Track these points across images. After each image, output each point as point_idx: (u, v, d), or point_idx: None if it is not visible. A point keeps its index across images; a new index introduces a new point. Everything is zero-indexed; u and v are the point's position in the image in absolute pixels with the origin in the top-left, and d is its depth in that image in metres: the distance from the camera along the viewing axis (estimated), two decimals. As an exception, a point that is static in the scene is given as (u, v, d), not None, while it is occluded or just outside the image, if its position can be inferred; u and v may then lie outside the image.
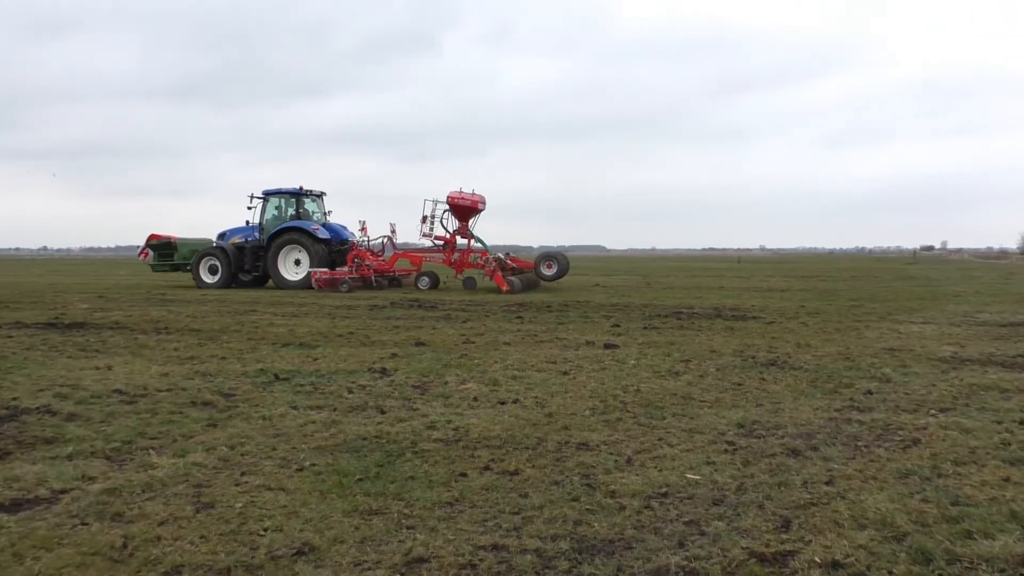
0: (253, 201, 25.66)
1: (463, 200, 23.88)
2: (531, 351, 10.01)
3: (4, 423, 6.03)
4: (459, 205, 24.06)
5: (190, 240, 28.10)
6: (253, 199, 25.62)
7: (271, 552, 3.63)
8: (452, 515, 4.13)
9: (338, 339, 11.26)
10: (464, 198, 23.88)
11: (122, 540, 3.75)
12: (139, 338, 11.37)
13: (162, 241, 27.97)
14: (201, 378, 7.99)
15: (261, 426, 5.99)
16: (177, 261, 27.75)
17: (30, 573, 3.40)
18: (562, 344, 10.72)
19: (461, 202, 23.94)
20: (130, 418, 6.22)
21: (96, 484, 4.58)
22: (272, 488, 4.52)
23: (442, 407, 6.68)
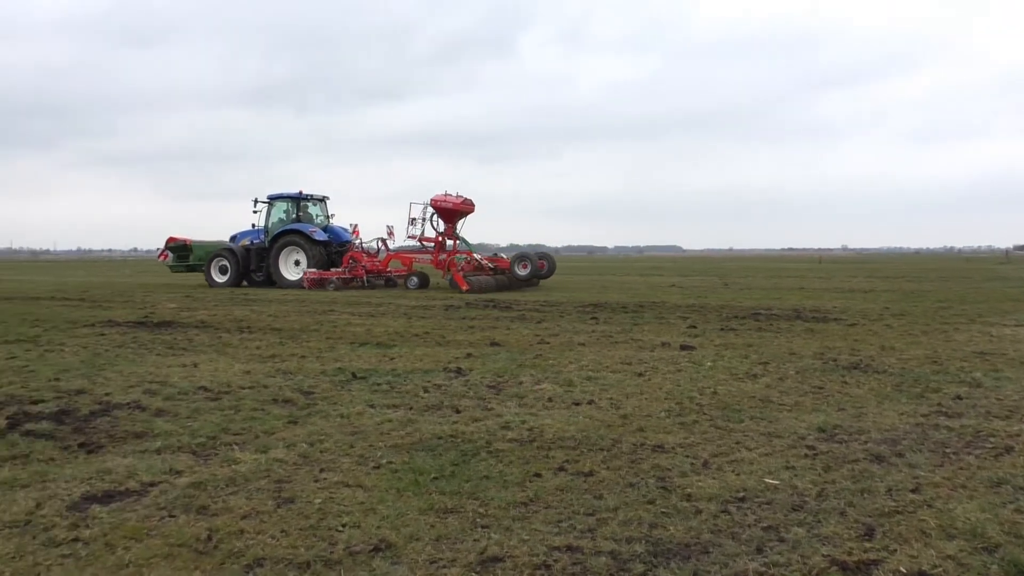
0: (258, 205, 27.23)
1: (446, 203, 24.70)
2: (606, 352, 9.96)
3: (97, 417, 6.28)
4: (442, 208, 24.88)
5: (204, 243, 29.63)
6: (258, 203, 27.17)
7: (349, 548, 3.69)
8: (526, 515, 4.14)
9: (414, 339, 11.40)
10: (447, 201, 24.68)
11: (207, 532, 3.87)
12: (223, 337, 11.71)
13: (179, 244, 29.64)
14: (282, 376, 8.19)
15: (339, 424, 6.10)
16: (192, 262, 29.36)
17: (121, 563, 3.53)
18: (637, 345, 10.64)
19: (444, 205, 24.77)
20: (215, 414, 6.41)
21: (183, 478, 4.73)
22: (350, 485, 4.60)
23: (517, 407, 6.70)
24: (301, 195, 27.51)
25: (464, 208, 25.11)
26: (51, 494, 4.41)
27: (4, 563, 3.50)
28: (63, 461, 5.10)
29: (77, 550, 3.66)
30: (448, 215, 25.11)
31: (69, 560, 3.55)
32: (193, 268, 29.41)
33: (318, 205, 28.37)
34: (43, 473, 4.80)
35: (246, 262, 27.21)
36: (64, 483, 4.61)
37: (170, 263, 30.53)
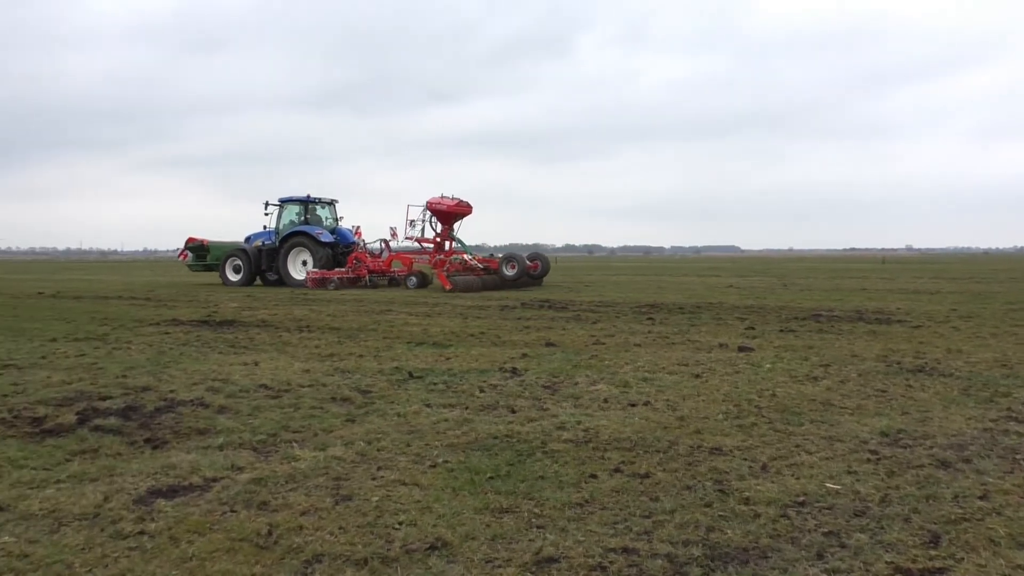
0: (269, 208, 28.47)
1: (440, 205, 25.77)
2: (662, 353, 9.88)
3: (162, 414, 6.44)
4: (438, 210, 25.93)
5: (220, 243, 30.90)
6: (269, 206, 28.42)
7: (406, 545, 3.72)
8: (582, 516, 4.13)
9: (470, 339, 11.45)
10: (442, 203, 25.77)
11: (267, 528, 3.94)
12: (283, 336, 11.92)
13: (197, 244, 30.96)
14: (340, 375, 8.29)
15: (396, 423, 6.16)
16: (209, 262, 30.52)
17: (185, 556, 3.61)
18: (694, 346, 10.53)
19: (439, 207, 25.83)
20: (275, 412, 6.53)
21: (244, 474, 4.82)
22: (407, 483, 4.64)
23: (572, 408, 6.69)
24: (309, 198, 28.57)
25: (459, 210, 26.05)
26: (118, 488, 4.54)
27: (74, 554, 3.61)
28: (130, 456, 5.25)
29: (143, 543, 3.76)
30: (444, 217, 26.10)
31: (135, 553, 3.65)
32: (210, 267, 30.47)
33: (327, 208, 29.49)
34: (111, 467, 4.94)
35: (258, 262, 28.23)
36: (131, 477, 4.74)
37: (189, 262, 31.78)
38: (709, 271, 45.76)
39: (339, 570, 3.47)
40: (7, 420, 6.16)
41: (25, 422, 6.11)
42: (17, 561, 3.53)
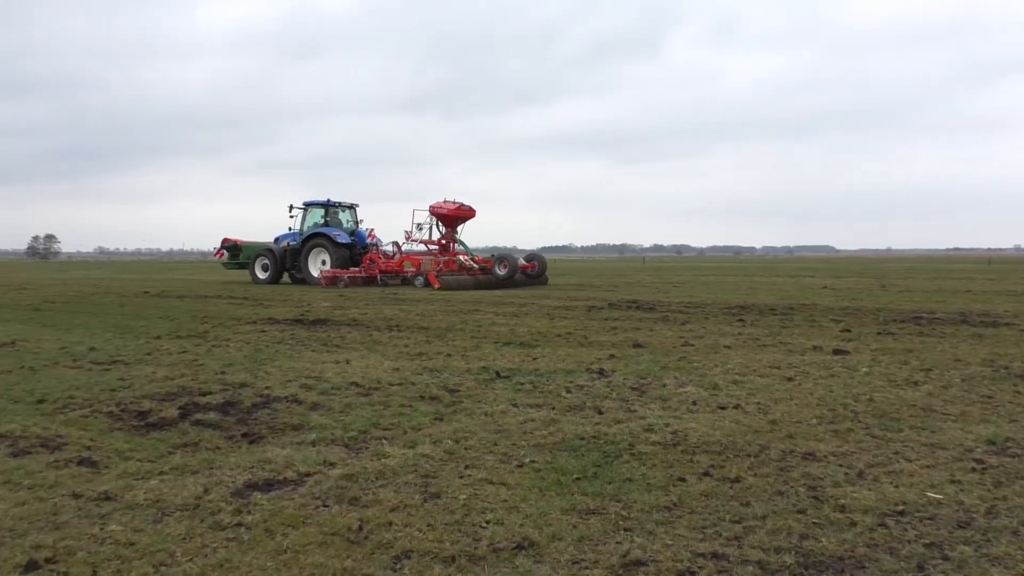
0: (293, 211, 30.39)
1: (442, 209, 27.33)
2: (753, 355, 9.67)
3: (259, 410, 6.64)
4: (439, 213, 27.49)
5: (252, 243, 33.17)
6: (293, 209, 30.36)
7: (493, 544, 3.74)
8: (670, 519, 4.07)
9: (557, 339, 11.44)
10: (443, 207, 27.32)
11: (358, 523, 4.01)
12: (374, 335, 12.14)
13: (232, 244, 33.40)
14: (429, 374, 8.40)
15: (483, 422, 6.20)
16: (242, 260, 32.71)
17: (280, 548, 3.72)
18: (787, 349, 10.27)
19: (440, 211, 27.39)
20: (365, 409, 6.65)
21: (336, 469, 4.93)
22: (494, 482, 4.67)
23: (660, 410, 6.61)
24: (329, 202, 30.49)
25: (459, 214, 27.50)
26: (217, 480, 4.70)
27: (175, 543, 3.76)
28: (228, 450, 5.43)
29: (240, 534, 3.88)
30: (446, 220, 27.66)
31: (233, 544, 3.77)
32: (243, 265, 32.47)
33: (347, 211, 31.33)
34: (210, 461, 5.12)
35: (283, 261, 30.04)
36: (229, 471, 4.90)
37: (224, 260, 34.04)
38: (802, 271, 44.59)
39: (427, 567, 3.52)
40: (115, 413, 6.46)
41: (131, 415, 6.39)
42: (124, 549, 3.69)
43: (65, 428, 5.97)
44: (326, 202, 30.45)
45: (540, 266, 27.46)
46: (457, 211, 27.35)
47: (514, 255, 27.58)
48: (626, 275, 40.44)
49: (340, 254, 28.63)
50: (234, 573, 3.44)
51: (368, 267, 27.94)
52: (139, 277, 39.75)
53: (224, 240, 33.75)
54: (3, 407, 6.71)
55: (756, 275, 38.72)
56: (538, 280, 27.38)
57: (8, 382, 7.89)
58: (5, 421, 6.15)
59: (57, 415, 6.42)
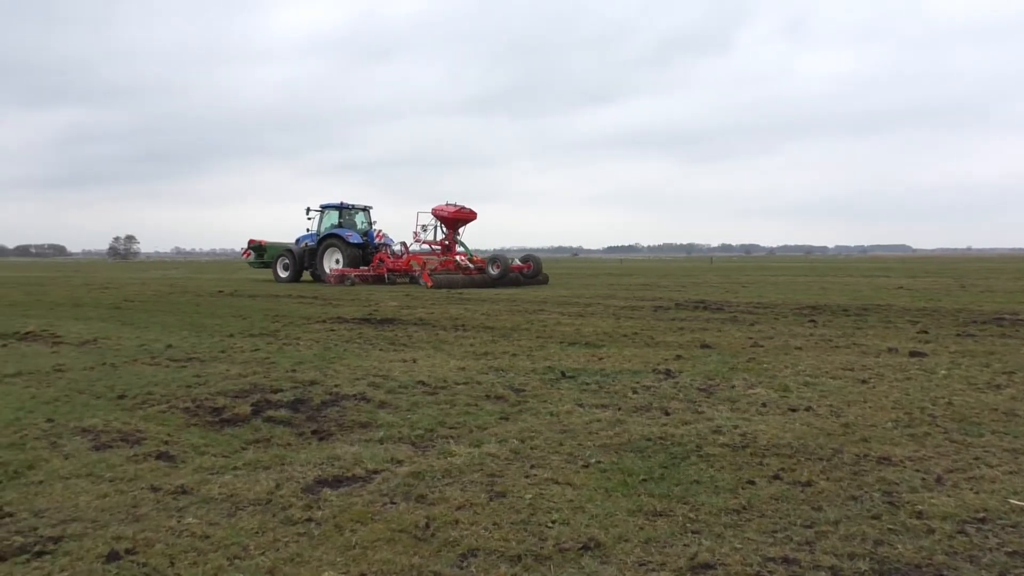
0: (311, 213, 32.34)
1: (443, 212, 29.11)
2: (825, 357, 9.46)
3: (328, 407, 6.76)
4: (441, 216, 29.32)
5: (275, 243, 34.92)
6: (310, 212, 32.33)
7: (559, 544, 3.73)
8: (739, 523, 4.01)
9: (623, 339, 11.37)
10: (444, 210, 29.09)
11: (425, 520, 4.05)
12: (440, 334, 12.24)
13: (257, 244, 35.44)
14: (494, 373, 8.43)
15: (549, 422, 6.19)
16: (266, 259, 34.76)
17: (349, 544, 3.77)
18: (860, 350, 10.02)
19: (441, 213, 29.20)
20: (432, 408, 6.71)
21: (403, 467, 4.98)
22: (559, 482, 4.66)
23: (728, 411, 6.51)
24: (343, 204, 32.44)
25: (460, 216, 29.32)
26: (288, 476, 4.79)
27: (249, 537, 3.85)
28: (298, 446, 5.53)
29: (311, 529, 3.95)
30: (447, 222, 29.48)
31: (304, 538, 3.84)
32: (267, 265, 34.53)
33: (360, 213, 33.20)
34: (282, 456, 5.23)
35: (302, 260, 31.96)
36: (299, 467, 4.99)
37: (251, 260, 36.08)
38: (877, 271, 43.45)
39: (493, 565, 3.53)
40: (191, 409, 6.65)
41: (206, 412, 6.57)
42: (200, 541, 3.80)
43: (144, 423, 6.16)
44: (340, 205, 32.29)
45: (535, 267, 28.79)
46: (457, 213, 29.15)
47: (506, 256, 29.10)
48: (693, 275, 39.99)
49: (352, 253, 30.39)
50: (305, 567, 3.50)
51: (377, 266, 29.47)
52: (214, 277, 40.81)
53: (250, 241, 35.73)
54: (86, 402, 6.96)
55: (828, 275, 37.87)
56: (535, 280, 28.52)
57: (91, 378, 8.19)
58: (88, 416, 6.38)
59: (136, 410, 6.63)
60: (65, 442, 5.59)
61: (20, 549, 3.69)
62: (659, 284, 28.98)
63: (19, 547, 3.71)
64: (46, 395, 7.27)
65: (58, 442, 5.59)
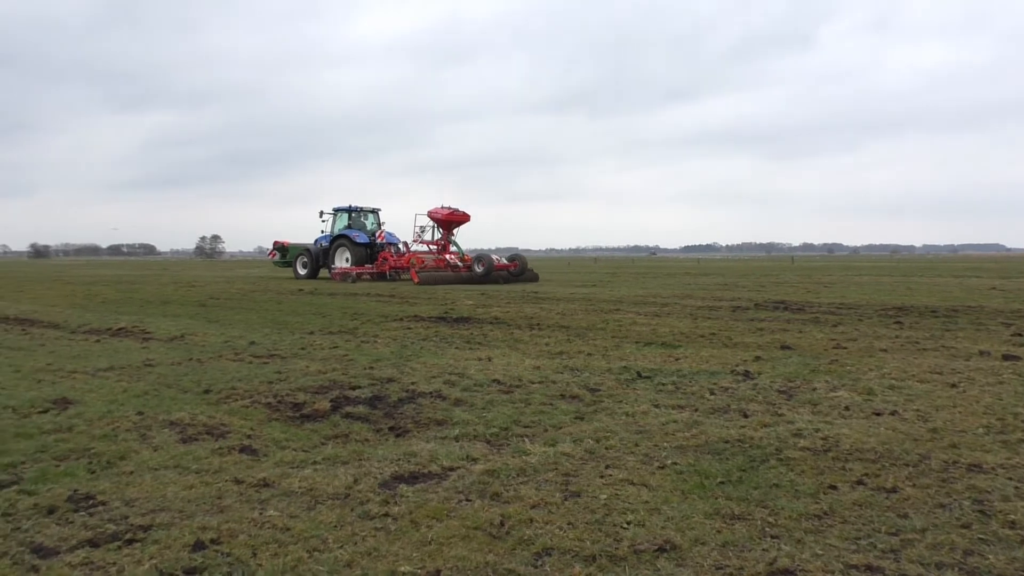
0: (324, 216, 35.53)
1: (436, 214, 31.68)
2: (912, 360, 9.15)
3: (404, 404, 6.85)
4: (435, 218, 31.95)
5: (296, 244, 37.76)
6: (323, 214, 35.54)
7: (634, 545, 3.70)
8: (820, 528, 3.91)
9: (700, 340, 11.22)
10: (437, 213, 31.61)
11: (499, 518, 4.06)
12: (515, 333, 12.27)
13: (280, 245, 38.44)
14: (569, 372, 8.41)
15: (624, 422, 6.15)
16: (288, 259, 37.63)
17: (424, 539, 3.81)
18: (949, 353, 9.66)
19: (435, 216, 31.80)
20: (507, 406, 6.73)
21: (478, 465, 5.01)
22: (635, 483, 4.62)
23: (810, 414, 6.36)
24: (352, 207, 35.43)
25: (453, 218, 31.78)
26: (366, 472, 4.87)
27: (328, 530, 3.92)
28: (376, 442, 5.62)
29: (387, 524, 4.01)
30: (442, 224, 32.11)
31: (381, 533, 3.89)
32: (289, 264, 37.42)
33: (370, 216, 36.05)
34: (359, 452, 5.32)
35: (318, 259, 35.13)
36: (377, 462, 5.07)
37: (276, 260, 39.05)
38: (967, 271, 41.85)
39: (568, 564, 3.52)
40: (272, 404, 6.82)
41: (287, 407, 6.73)
42: (281, 533, 3.89)
43: (228, 417, 6.35)
44: (350, 208, 35.39)
45: (521, 265, 30.97)
46: (450, 216, 31.71)
47: (491, 256, 31.01)
48: (773, 275, 39.18)
49: (359, 252, 33.23)
50: (382, 561, 3.55)
51: (381, 264, 31.99)
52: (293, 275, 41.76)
53: (275, 243, 39.00)
54: (174, 396, 7.21)
55: (915, 275, 36.64)
56: (521, 278, 30.57)
57: (178, 373, 8.48)
58: (175, 409, 6.60)
59: (221, 405, 6.83)
60: (154, 434, 5.80)
61: (112, 536, 3.84)
62: (738, 284, 28.49)
63: (111, 534, 3.87)
64: (136, 389, 7.55)
65: (147, 434, 5.80)
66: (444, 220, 31.94)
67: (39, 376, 8.28)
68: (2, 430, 5.91)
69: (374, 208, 36.24)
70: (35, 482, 4.68)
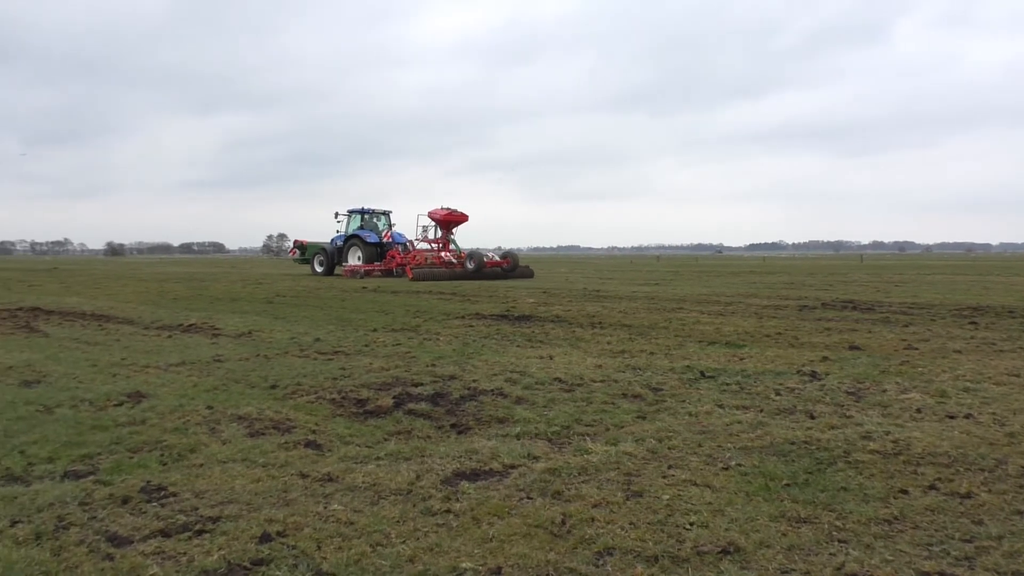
0: (339, 217, 38.36)
1: (435, 215, 34.59)
2: (988, 361, 8.85)
3: (466, 401, 6.88)
4: (434, 218, 34.76)
5: (314, 243, 40.51)
6: (338, 216, 38.37)
7: (697, 547, 3.66)
8: (890, 533, 3.81)
9: (765, 339, 11.03)
10: (436, 213, 34.50)
11: (561, 517, 4.06)
12: (576, 331, 12.24)
13: (300, 244, 41.51)
14: (631, 371, 8.35)
15: (687, 422, 6.08)
16: (307, 256, 40.30)
17: (486, 537, 3.83)
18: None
19: (434, 216, 34.69)
20: (568, 405, 6.72)
21: (539, 463, 5.01)
22: (698, 484, 4.57)
23: (879, 416, 6.20)
24: (364, 210, 38.33)
25: (451, 218, 34.61)
26: (428, 468, 4.91)
27: (390, 526, 3.97)
28: (438, 439, 5.66)
29: (449, 521, 4.04)
30: (441, 224, 34.97)
31: (442, 529, 3.92)
32: (307, 261, 40.14)
33: (381, 217, 38.86)
34: (422, 449, 5.37)
35: (334, 257, 37.90)
36: (439, 459, 5.11)
37: (296, 258, 41.99)
38: (1046, 270, 40.31)
39: (630, 564, 3.49)
40: (336, 400, 6.92)
41: (351, 403, 6.82)
42: (344, 527, 3.94)
43: (294, 412, 6.47)
44: (362, 210, 38.29)
45: (513, 262, 33.60)
46: (448, 216, 34.48)
47: (481, 253, 33.38)
48: (841, 273, 38.32)
49: (369, 251, 36.18)
50: (443, 557, 3.58)
51: (388, 261, 34.74)
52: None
53: (296, 241, 42.31)
54: (242, 391, 7.37)
55: (991, 274, 35.44)
56: (514, 274, 33.15)
57: (246, 368, 8.66)
58: (243, 404, 6.75)
59: (287, 400, 6.96)
60: (223, 428, 5.94)
61: (183, 527, 3.95)
62: (804, 283, 27.93)
63: (182, 525, 3.97)
64: (206, 383, 7.74)
65: (217, 428, 5.94)
66: (443, 220, 34.77)
67: (114, 370, 8.56)
68: (80, 422, 6.13)
69: (385, 210, 39.20)
70: (110, 473, 4.83)
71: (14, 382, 7.84)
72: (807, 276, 34.85)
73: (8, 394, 7.22)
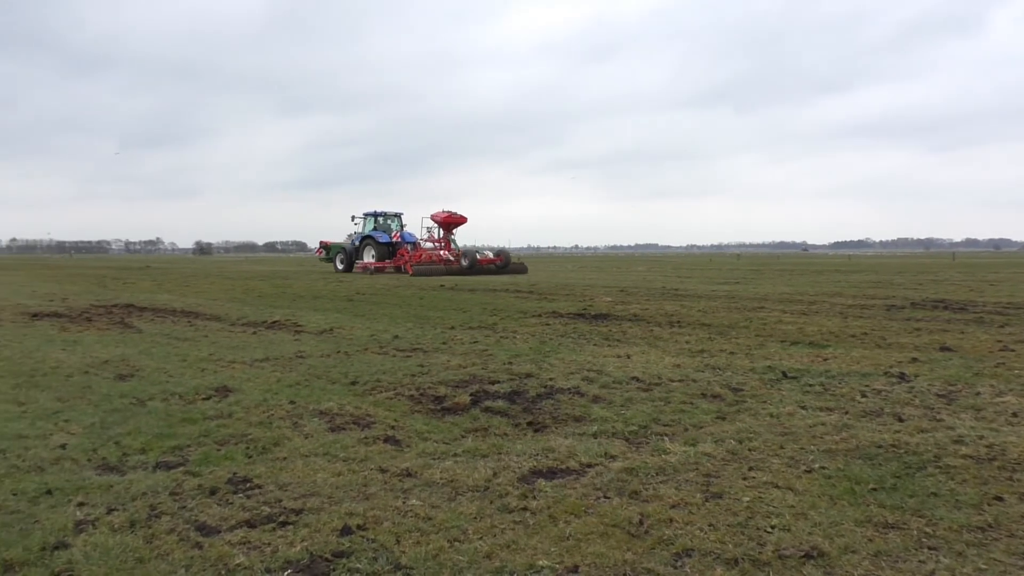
0: (355, 220, 41.60)
1: (436, 217, 37.82)
2: (1090, 364, 8.42)
3: (543, 400, 6.88)
4: (435, 220, 37.85)
5: (336, 243, 43.25)
6: (355, 218, 41.62)
7: (779, 550, 3.58)
8: (984, 541, 3.66)
9: (850, 339, 10.73)
10: (437, 215, 37.75)
11: (638, 517, 4.02)
12: (654, 330, 12.11)
13: (324, 244, 44.71)
14: (711, 371, 8.23)
15: (769, 423, 5.96)
16: (330, 256, 43.34)
17: (562, 535, 3.82)
18: None
19: (435, 218, 37.87)
20: (646, 404, 6.65)
21: (616, 462, 4.97)
22: (780, 487, 4.47)
23: (972, 420, 5.96)
24: (378, 212, 41.62)
25: (450, 220, 37.80)
26: (505, 465, 4.93)
27: (468, 522, 3.99)
28: (515, 437, 5.67)
29: (526, 518, 4.04)
30: (442, 225, 38.09)
31: (519, 527, 3.93)
32: (331, 259, 43.12)
33: (394, 219, 42.20)
34: (499, 446, 5.39)
35: (352, 255, 40.73)
36: (515, 457, 5.12)
37: (321, 257, 45.18)
38: None
39: (709, 567, 3.44)
40: (415, 397, 7.01)
41: (429, 400, 6.90)
42: (423, 523, 3.99)
43: (373, 408, 6.57)
44: (375, 212, 41.58)
45: (505, 259, 36.36)
46: (448, 218, 37.73)
47: (475, 251, 36.55)
48: (932, 272, 37.00)
49: (381, 250, 39.35)
50: (520, 555, 3.58)
51: (397, 259, 37.90)
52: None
53: (321, 242, 45.36)
54: (323, 387, 7.52)
55: (1094, 272, 33.73)
56: (506, 270, 35.86)
57: (327, 365, 8.84)
58: (325, 399, 6.89)
59: (367, 396, 7.08)
60: (305, 423, 6.07)
61: (267, 518, 4.05)
62: (892, 281, 27.06)
63: (267, 516, 4.08)
64: (289, 379, 7.93)
65: (299, 422, 6.08)
66: (443, 222, 38.05)
67: (203, 365, 8.84)
68: (170, 415, 6.35)
69: (397, 212, 42.62)
70: (199, 464, 4.99)
71: (110, 376, 8.18)
72: (895, 274, 33.77)
73: (104, 387, 7.53)
